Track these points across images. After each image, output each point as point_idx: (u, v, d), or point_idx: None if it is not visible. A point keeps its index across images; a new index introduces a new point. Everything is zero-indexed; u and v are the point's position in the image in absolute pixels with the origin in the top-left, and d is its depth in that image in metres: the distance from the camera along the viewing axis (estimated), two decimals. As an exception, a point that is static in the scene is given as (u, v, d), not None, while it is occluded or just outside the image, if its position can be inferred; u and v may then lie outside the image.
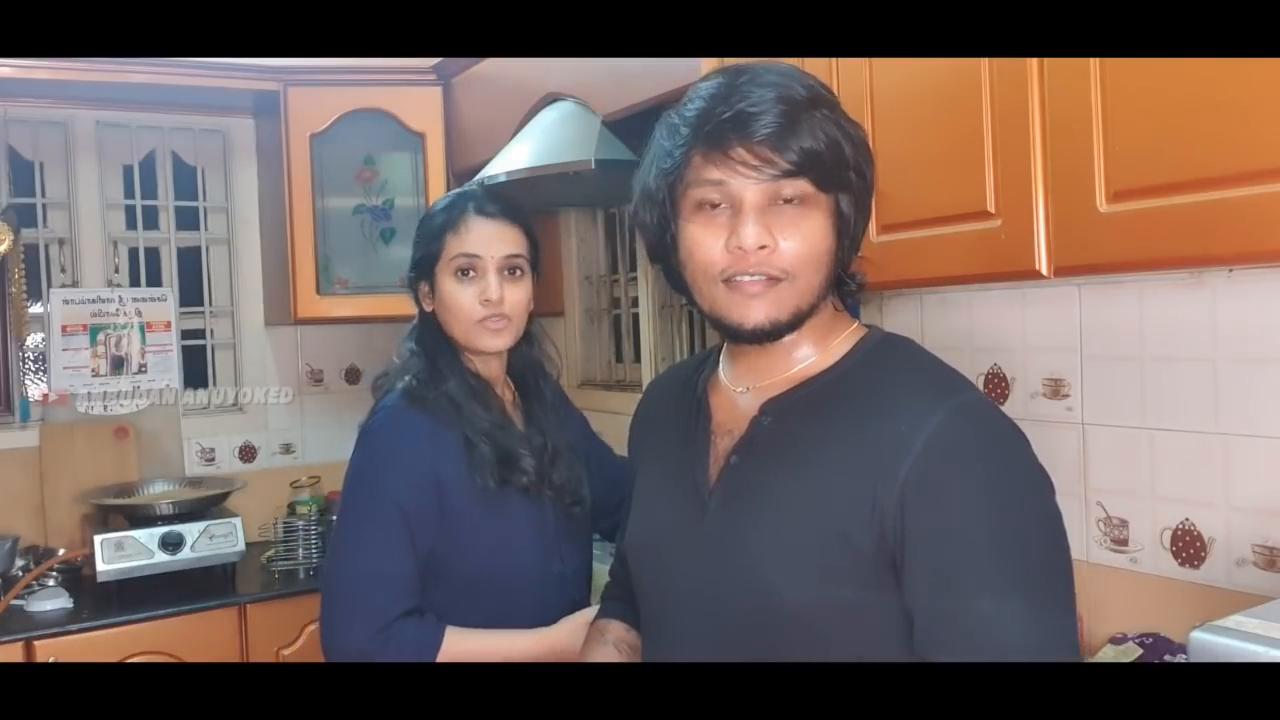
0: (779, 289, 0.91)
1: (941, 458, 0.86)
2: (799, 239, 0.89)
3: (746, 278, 0.90)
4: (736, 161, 0.87)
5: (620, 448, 2.96)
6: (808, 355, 0.98)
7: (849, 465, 0.89)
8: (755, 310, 0.91)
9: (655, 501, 1.06)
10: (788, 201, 0.89)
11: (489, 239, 1.49)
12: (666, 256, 0.98)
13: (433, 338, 1.52)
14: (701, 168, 0.89)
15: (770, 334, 0.93)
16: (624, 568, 1.19)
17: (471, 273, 1.49)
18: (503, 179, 2.12)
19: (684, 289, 0.98)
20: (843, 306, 1.01)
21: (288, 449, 3.07)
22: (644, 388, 2.83)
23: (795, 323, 0.93)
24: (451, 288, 1.49)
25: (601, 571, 1.34)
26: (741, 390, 1.00)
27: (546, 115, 2.25)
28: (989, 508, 0.86)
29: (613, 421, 2.80)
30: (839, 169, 0.90)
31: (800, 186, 0.88)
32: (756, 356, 0.98)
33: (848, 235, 0.93)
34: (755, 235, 0.88)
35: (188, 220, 3.04)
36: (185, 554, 2.47)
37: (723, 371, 1.03)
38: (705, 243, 0.91)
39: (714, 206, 0.90)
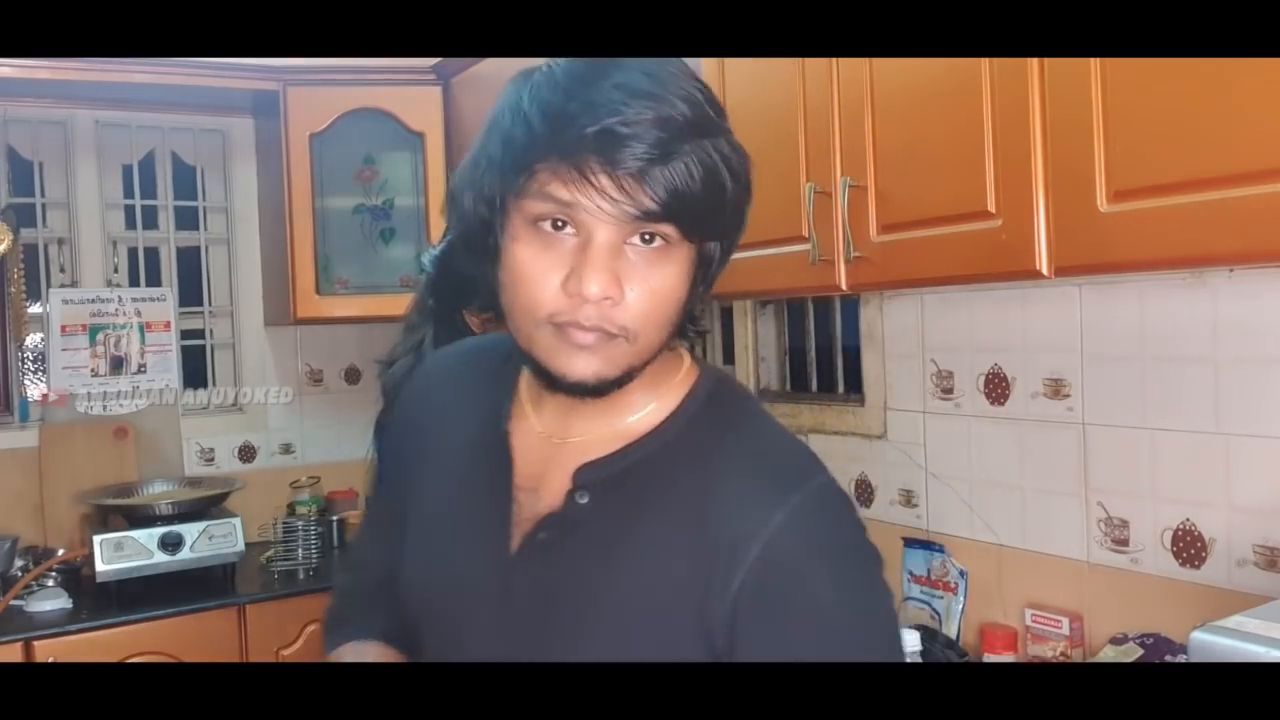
0: (614, 345, 0.75)
1: (776, 570, 0.75)
2: (648, 293, 0.74)
3: (578, 328, 0.74)
4: (594, 189, 0.70)
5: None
6: (633, 408, 0.83)
7: (678, 567, 0.77)
8: (583, 364, 0.75)
9: (442, 551, 0.86)
10: (646, 242, 0.74)
11: None
12: (476, 258, 0.81)
13: None
14: (549, 181, 0.72)
15: (594, 391, 0.77)
16: (377, 591, 0.96)
17: None
18: (502, 179, 2.12)
19: (493, 306, 0.81)
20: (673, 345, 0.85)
21: (287, 449, 3.07)
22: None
23: (625, 381, 0.78)
24: None
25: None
26: (550, 438, 0.84)
27: (546, 115, 2.25)
28: (821, 629, 0.76)
29: (612, 421, 2.80)
30: (713, 213, 0.75)
31: (662, 230, 0.73)
32: (574, 403, 0.81)
33: (704, 282, 0.80)
34: (602, 284, 0.72)
35: (187, 220, 3.04)
36: (185, 554, 2.47)
37: (529, 404, 0.86)
38: (536, 275, 0.74)
39: (556, 228, 0.73)
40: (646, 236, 0.74)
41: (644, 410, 0.83)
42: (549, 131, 0.71)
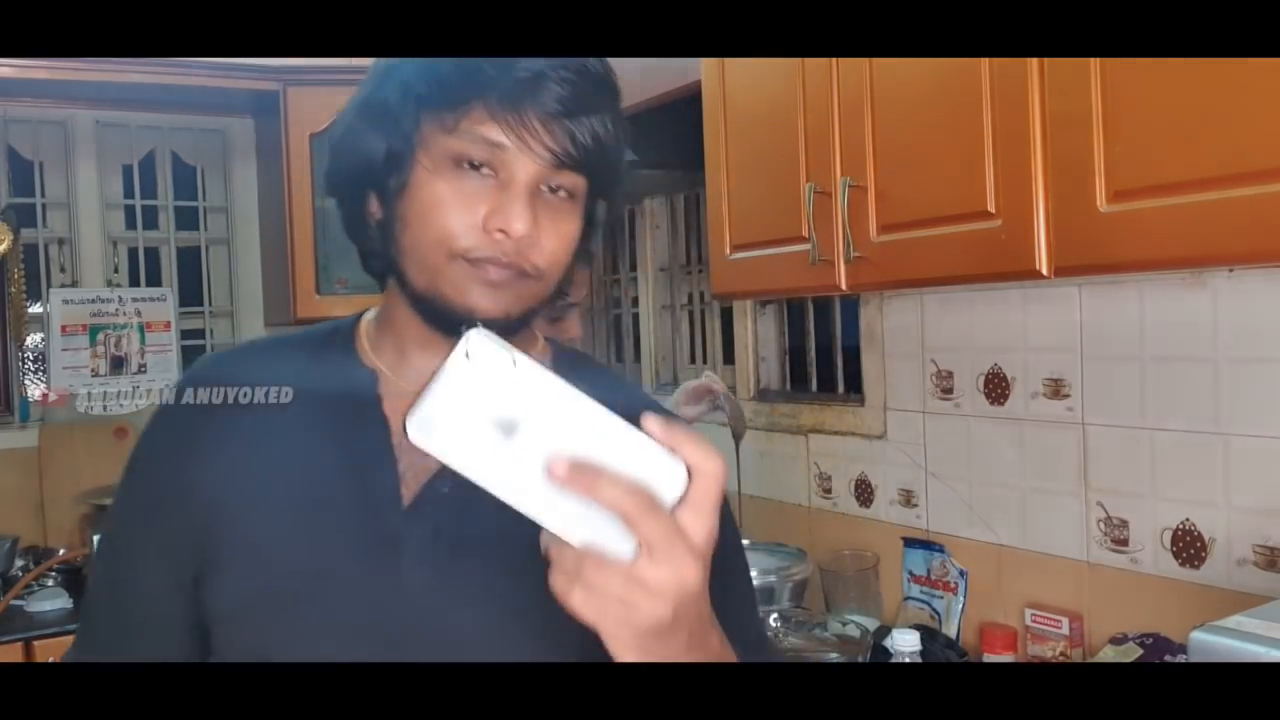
0: (525, 283, 0.77)
1: None
2: (556, 237, 0.78)
3: (494, 264, 0.75)
4: (526, 131, 0.73)
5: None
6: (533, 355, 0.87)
7: None
8: (494, 300, 0.76)
9: (314, 525, 0.80)
10: (553, 192, 0.77)
11: (585, 285, 1.54)
12: (364, 194, 0.80)
13: None
14: (482, 121, 0.73)
15: (500, 331, 0.76)
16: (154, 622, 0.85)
17: (564, 316, 1.53)
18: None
19: (384, 248, 0.80)
20: None
21: (287, 449, 3.07)
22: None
23: (527, 321, 0.81)
24: (539, 326, 1.51)
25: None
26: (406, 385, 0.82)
27: (546, 115, 2.25)
28: (729, 550, 0.81)
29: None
30: (616, 172, 0.80)
31: (574, 180, 0.77)
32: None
33: (585, 246, 0.83)
34: (525, 223, 0.74)
35: (187, 220, 3.04)
36: (185, 554, 2.47)
37: (388, 369, 0.85)
38: (454, 210, 0.74)
39: (474, 168, 0.75)
40: (555, 188, 0.77)
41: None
42: (488, 70, 0.73)
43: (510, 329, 0.77)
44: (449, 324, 0.77)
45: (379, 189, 0.79)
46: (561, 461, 0.56)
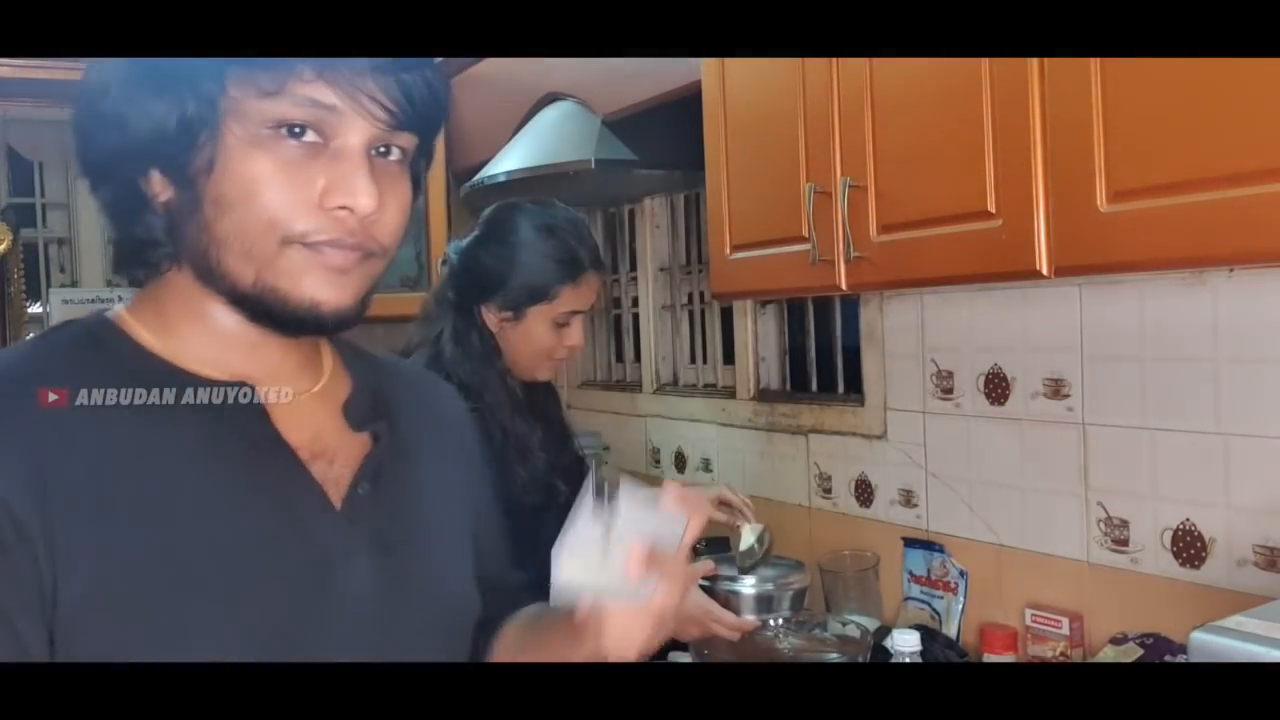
0: (370, 265, 0.69)
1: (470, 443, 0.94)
2: (397, 208, 0.69)
3: (338, 248, 0.66)
4: (360, 90, 0.64)
5: (619, 450, 2.89)
6: (319, 354, 0.79)
7: (457, 464, 0.87)
8: (338, 289, 0.67)
9: (252, 546, 0.68)
10: (383, 154, 0.68)
11: (594, 293, 1.54)
12: (143, 173, 0.67)
13: (483, 350, 1.52)
14: (309, 83, 0.64)
15: (347, 323, 0.69)
16: None
17: (569, 323, 1.53)
18: (502, 179, 2.12)
19: (173, 237, 0.67)
20: None
21: (287, 449, 3.07)
22: (645, 387, 2.75)
23: (364, 311, 0.71)
24: (545, 330, 1.53)
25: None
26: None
27: (546, 115, 2.25)
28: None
29: (613, 421, 2.80)
30: (441, 124, 0.73)
31: (408, 140, 0.69)
32: (286, 350, 0.73)
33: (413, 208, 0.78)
34: (371, 196, 0.65)
35: (187, 220, 3.05)
36: (185, 554, 2.46)
37: (230, 372, 0.71)
38: (282, 186, 0.64)
39: (294, 135, 0.64)
40: (384, 148, 0.68)
41: (326, 357, 0.79)
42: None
43: (353, 320, 0.70)
44: (283, 322, 0.68)
45: (165, 166, 0.67)
46: (636, 560, 0.71)
